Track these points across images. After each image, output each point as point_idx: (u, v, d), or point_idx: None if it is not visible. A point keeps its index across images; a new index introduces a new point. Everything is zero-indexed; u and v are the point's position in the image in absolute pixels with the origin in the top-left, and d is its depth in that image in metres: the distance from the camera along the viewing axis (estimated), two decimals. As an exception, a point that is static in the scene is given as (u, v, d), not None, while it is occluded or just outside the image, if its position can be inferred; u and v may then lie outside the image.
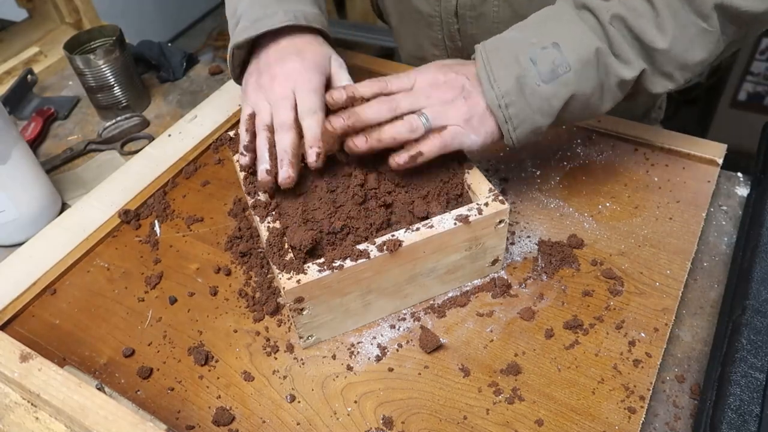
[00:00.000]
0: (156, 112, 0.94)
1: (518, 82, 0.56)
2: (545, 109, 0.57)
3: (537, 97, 0.56)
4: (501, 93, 0.56)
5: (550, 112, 0.57)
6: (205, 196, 0.74)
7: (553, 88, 0.56)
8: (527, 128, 0.57)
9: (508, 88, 0.56)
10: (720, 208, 0.69)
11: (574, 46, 0.56)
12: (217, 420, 0.53)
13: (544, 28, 0.58)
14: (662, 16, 0.55)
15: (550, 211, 0.68)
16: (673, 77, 0.58)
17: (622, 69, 0.56)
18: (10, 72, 1.02)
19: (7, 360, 0.54)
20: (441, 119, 0.57)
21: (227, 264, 0.66)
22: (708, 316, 0.59)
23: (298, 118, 0.60)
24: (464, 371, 0.55)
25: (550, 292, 0.60)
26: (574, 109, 0.58)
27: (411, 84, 0.59)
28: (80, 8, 1.10)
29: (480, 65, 0.57)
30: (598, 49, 0.55)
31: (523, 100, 0.56)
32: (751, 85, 2.00)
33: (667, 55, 0.56)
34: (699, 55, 0.57)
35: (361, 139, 0.56)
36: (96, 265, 0.68)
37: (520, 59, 0.56)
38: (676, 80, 0.59)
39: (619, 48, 0.56)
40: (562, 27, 0.57)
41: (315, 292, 0.53)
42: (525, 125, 0.57)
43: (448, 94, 0.58)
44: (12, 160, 0.69)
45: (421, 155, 0.56)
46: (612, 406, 0.52)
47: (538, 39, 0.56)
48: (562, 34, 0.56)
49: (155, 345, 0.59)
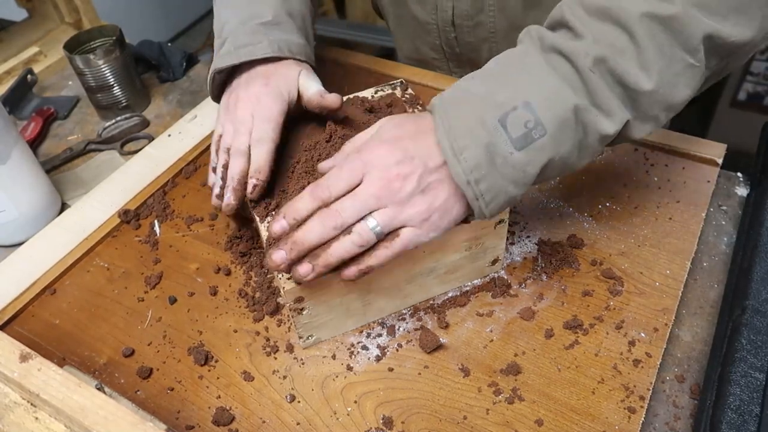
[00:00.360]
0: (156, 112, 0.94)
1: (487, 151, 0.48)
2: (519, 179, 0.49)
3: (509, 166, 0.48)
4: (469, 167, 0.48)
5: (525, 180, 0.49)
6: (205, 196, 0.74)
7: (527, 156, 0.48)
8: (501, 200, 0.50)
9: (478, 160, 0.48)
10: (720, 208, 0.69)
11: (548, 105, 0.48)
12: (217, 420, 0.53)
13: (510, 80, 0.50)
14: (645, 52, 0.48)
15: (550, 211, 0.68)
16: (657, 119, 0.52)
17: (603, 123, 0.49)
18: (10, 72, 1.01)
19: (7, 360, 0.54)
20: (395, 223, 0.49)
21: (227, 264, 0.66)
22: (708, 316, 0.59)
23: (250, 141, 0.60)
24: (464, 371, 0.55)
25: (550, 292, 0.60)
26: (550, 173, 0.51)
27: (359, 178, 0.50)
28: (80, 8, 1.10)
29: (440, 132, 0.49)
30: (576, 107, 0.48)
31: (495, 172, 0.48)
32: (751, 85, 2.00)
33: (653, 96, 0.49)
34: (684, 93, 0.51)
35: (306, 268, 0.49)
36: (96, 265, 0.68)
37: (486, 122, 0.48)
38: (660, 122, 0.52)
39: (600, 98, 0.49)
40: (532, 80, 0.49)
41: (315, 292, 0.53)
42: (498, 198, 0.49)
43: (401, 192, 0.49)
44: (12, 160, 0.69)
45: (371, 269, 0.50)
46: (612, 406, 0.52)
47: (506, 97, 0.49)
48: (532, 89, 0.49)
49: (155, 345, 0.59)
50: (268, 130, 0.60)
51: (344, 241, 0.49)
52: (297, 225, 0.51)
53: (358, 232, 0.49)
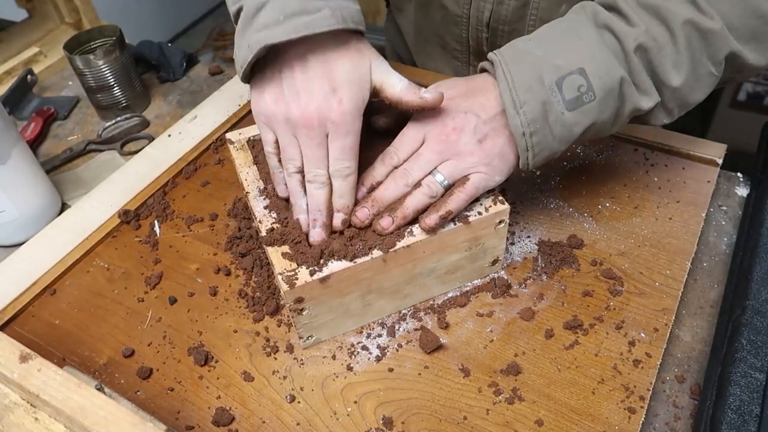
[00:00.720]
0: (156, 112, 0.94)
1: (543, 108, 0.53)
2: (565, 137, 0.55)
3: (559, 125, 0.54)
4: (527, 120, 0.53)
5: (569, 139, 0.55)
6: (205, 196, 0.74)
7: (576, 117, 0.54)
8: (545, 155, 0.55)
9: (535, 115, 0.53)
10: (720, 208, 0.69)
11: (600, 74, 0.53)
12: (217, 420, 0.53)
13: (566, 47, 0.55)
14: (681, 54, 0.54)
15: (550, 211, 0.68)
16: (672, 113, 0.58)
17: (641, 99, 0.55)
18: (10, 72, 1.02)
19: (7, 360, 0.54)
20: (459, 171, 0.55)
21: (227, 264, 0.66)
22: (708, 316, 0.59)
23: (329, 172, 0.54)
24: (464, 371, 0.55)
25: (550, 293, 0.60)
26: (587, 135, 0.56)
27: (419, 142, 0.56)
28: (80, 8, 1.10)
29: (503, 86, 0.54)
30: (622, 79, 0.54)
31: (546, 128, 0.54)
32: (751, 85, 2.00)
33: (675, 92, 0.55)
34: (700, 96, 0.57)
35: (387, 221, 0.54)
36: (96, 265, 0.68)
37: (545, 82, 0.53)
38: (673, 116, 0.58)
39: (638, 78, 0.54)
40: (587, 50, 0.54)
41: (315, 292, 0.53)
42: (544, 153, 0.55)
43: (460, 143, 0.54)
44: (12, 160, 0.69)
45: (451, 213, 0.53)
46: (612, 406, 0.52)
47: (564, 61, 0.53)
48: (587, 58, 0.53)
49: (155, 345, 0.59)
50: (350, 160, 0.54)
51: (416, 194, 0.54)
52: (373, 189, 0.56)
53: (427, 184, 0.54)
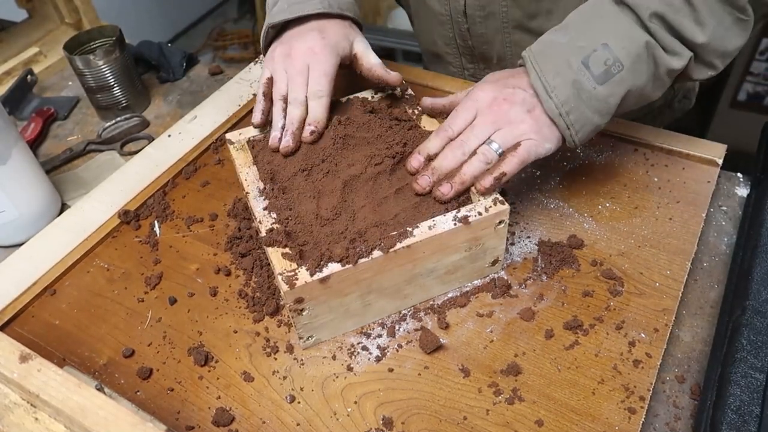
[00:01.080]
0: (156, 113, 0.94)
1: (574, 87, 0.57)
2: (603, 109, 0.58)
3: (594, 99, 0.58)
4: (560, 101, 0.58)
5: (608, 110, 0.59)
6: (205, 196, 0.74)
7: (609, 88, 0.58)
8: (588, 130, 0.59)
9: (567, 95, 0.57)
10: (720, 208, 0.69)
11: (623, 44, 0.57)
12: (217, 420, 0.53)
13: (588, 28, 0.59)
14: (699, 12, 0.56)
15: (550, 211, 0.68)
16: (714, 65, 0.61)
17: (671, 60, 0.58)
18: (10, 72, 1.02)
19: (7, 360, 0.54)
20: (512, 139, 0.58)
21: (227, 264, 0.66)
22: (708, 317, 0.59)
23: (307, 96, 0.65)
24: (464, 371, 0.55)
25: (550, 293, 0.60)
26: (629, 103, 0.60)
27: (472, 116, 0.60)
28: (80, 8, 1.10)
29: (533, 75, 0.59)
30: (647, 42, 0.57)
31: (581, 105, 0.58)
32: (751, 85, 2.00)
33: (706, 47, 0.58)
34: (736, 42, 0.59)
35: (446, 188, 0.58)
36: (96, 265, 0.68)
37: (572, 64, 0.57)
38: (717, 67, 0.61)
39: (663, 41, 0.57)
40: (607, 25, 0.58)
41: (315, 292, 0.53)
42: (586, 127, 0.59)
43: (512, 112, 0.59)
44: (12, 160, 0.69)
45: (505, 175, 0.57)
46: (612, 406, 0.52)
47: (587, 41, 0.58)
48: (608, 32, 0.58)
49: (155, 345, 0.59)
50: (325, 84, 0.65)
51: (473, 161, 0.58)
52: (430, 159, 0.60)
53: (483, 152, 0.58)
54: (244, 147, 0.66)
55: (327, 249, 0.54)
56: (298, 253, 0.54)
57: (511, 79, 0.61)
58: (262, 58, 0.76)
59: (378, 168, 0.60)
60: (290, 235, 0.56)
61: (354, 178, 0.60)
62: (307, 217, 0.58)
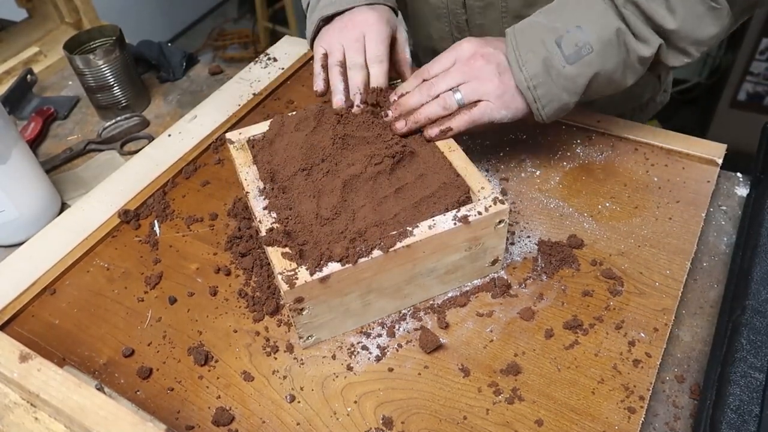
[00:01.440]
0: (156, 112, 0.94)
1: (545, 64, 0.60)
2: (571, 88, 0.61)
3: (562, 77, 0.61)
4: (529, 75, 0.61)
5: (576, 90, 0.62)
6: (205, 196, 0.74)
7: (578, 69, 0.61)
8: (555, 106, 0.62)
9: (536, 71, 0.61)
10: (719, 208, 0.69)
11: (595, 28, 0.60)
12: (217, 420, 0.53)
13: (566, 12, 0.62)
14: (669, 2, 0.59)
15: (550, 211, 0.68)
16: (688, 52, 0.63)
17: (641, 47, 0.61)
18: (10, 72, 1.02)
19: (7, 360, 0.54)
20: (475, 94, 0.62)
21: (227, 264, 0.66)
22: (708, 316, 0.59)
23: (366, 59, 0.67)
24: (464, 371, 0.55)
25: (549, 292, 0.60)
26: (598, 86, 0.63)
27: (450, 64, 0.64)
28: (80, 8, 1.10)
29: (509, 48, 0.62)
30: (618, 29, 0.60)
31: (550, 81, 0.61)
32: (751, 85, 2.00)
33: (678, 34, 0.61)
34: (710, 30, 0.61)
35: (401, 123, 0.63)
36: (96, 265, 0.68)
37: (546, 42, 0.61)
38: (692, 55, 0.63)
39: (635, 28, 0.60)
40: (583, 10, 0.61)
41: (315, 292, 0.53)
42: (553, 103, 0.62)
43: (485, 69, 0.62)
44: (12, 160, 0.69)
45: (450, 130, 0.63)
46: (612, 406, 0.52)
47: (562, 23, 0.61)
48: (583, 17, 0.61)
49: (155, 345, 0.59)
50: (383, 50, 0.67)
51: (432, 104, 0.63)
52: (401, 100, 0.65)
53: (444, 97, 0.63)
54: (244, 146, 0.66)
55: (327, 248, 0.54)
56: (298, 252, 0.54)
57: (494, 42, 0.65)
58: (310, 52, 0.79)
59: (378, 167, 0.60)
60: (290, 235, 0.56)
61: (354, 178, 0.60)
62: (307, 217, 0.58)
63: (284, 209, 0.58)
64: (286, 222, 0.57)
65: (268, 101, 0.89)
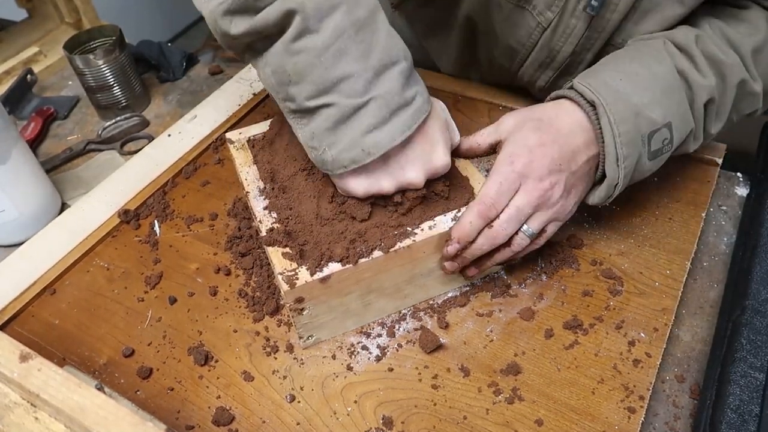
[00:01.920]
0: (156, 112, 0.94)
1: (637, 160, 0.56)
2: (636, 179, 0.58)
3: (639, 172, 0.57)
4: (625, 174, 0.55)
5: (632, 180, 0.58)
6: (205, 196, 0.74)
7: (653, 165, 0.58)
8: (615, 195, 0.58)
9: (630, 168, 0.55)
10: (719, 207, 0.70)
11: (680, 128, 0.57)
12: (217, 420, 0.53)
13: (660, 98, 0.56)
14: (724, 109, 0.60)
15: (549, 211, 0.68)
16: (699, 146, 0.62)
17: (692, 144, 0.60)
18: (10, 72, 1.02)
19: (7, 360, 0.54)
20: (544, 222, 0.56)
21: (227, 264, 0.66)
22: (708, 316, 0.59)
23: None
24: (464, 371, 0.55)
25: (549, 292, 0.60)
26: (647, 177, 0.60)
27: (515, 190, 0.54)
28: (80, 8, 1.10)
29: (608, 139, 0.54)
30: (691, 131, 0.58)
31: (628, 178, 0.56)
32: (751, 85, 1.99)
33: (711, 136, 0.62)
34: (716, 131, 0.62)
35: (473, 271, 0.59)
36: (96, 265, 0.68)
37: (643, 137, 0.55)
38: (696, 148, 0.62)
39: (698, 129, 0.59)
40: (674, 104, 0.56)
41: (315, 292, 0.53)
42: (615, 193, 0.57)
43: (553, 197, 0.55)
44: (12, 160, 0.69)
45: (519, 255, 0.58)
46: (612, 406, 0.52)
47: (658, 115, 0.55)
48: (675, 112, 0.56)
49: (155, 345, 0.59)
50: None
51: (505, 252, 0.56)
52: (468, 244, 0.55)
53: (518, 242, 0.56)
54: (244, 146, 0.66)
55: (327, 249, 0.54)
56: (298, 252, 0.54)
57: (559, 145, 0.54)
58: None
59: None
60: (290, 235, 0.56)
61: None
62: (308, 217, 0.58)
63: (284, 209, 0.58)
64: (286, 222, 0.57)
65: (268, 101, 0.89)
